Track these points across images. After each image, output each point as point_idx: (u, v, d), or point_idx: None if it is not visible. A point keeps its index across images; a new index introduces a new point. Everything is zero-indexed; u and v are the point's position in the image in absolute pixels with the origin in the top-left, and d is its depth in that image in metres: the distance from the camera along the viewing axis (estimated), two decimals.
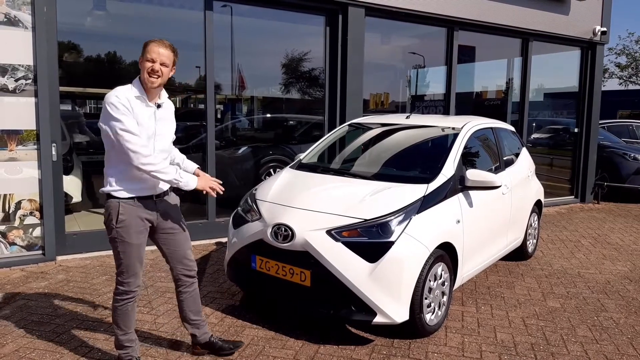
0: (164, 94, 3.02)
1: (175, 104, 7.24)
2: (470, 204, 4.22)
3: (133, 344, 3.09)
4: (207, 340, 3.33)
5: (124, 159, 2.78)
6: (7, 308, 4.08)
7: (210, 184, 3.03)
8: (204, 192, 2.99)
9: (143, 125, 2.81)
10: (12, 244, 5.09)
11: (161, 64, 2.84)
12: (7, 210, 5.03)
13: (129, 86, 2.87)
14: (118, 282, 2.97)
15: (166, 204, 3.04)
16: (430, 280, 3.66)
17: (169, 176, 2.85)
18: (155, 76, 2.83)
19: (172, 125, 3.07)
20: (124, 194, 2.85)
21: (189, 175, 2.96)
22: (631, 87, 33.32)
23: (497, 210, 4.82)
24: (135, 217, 2.88)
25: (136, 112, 2.79)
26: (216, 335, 3.43)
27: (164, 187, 3.00)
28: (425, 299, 3.64)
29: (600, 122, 10.64)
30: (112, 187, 2.85)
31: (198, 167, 3.33)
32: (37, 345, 3.46)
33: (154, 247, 5.94)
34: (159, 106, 2.93)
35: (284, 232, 3.61)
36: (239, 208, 4.21)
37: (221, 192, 3.04)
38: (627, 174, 10.29)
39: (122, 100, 2.75)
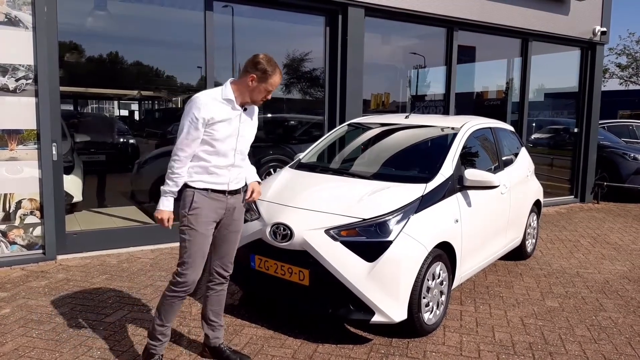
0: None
1: (176, 104, 7.30)
2: (469, 204, 4.23)
3: (164, 338, 3.10)
4: (217, 345, 3.30)
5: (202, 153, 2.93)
6: (7, 307, 4.10)
7: (169, 221, 2.96)
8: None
9: (227, 126, 2.92)
10: (13, 243, 5.11)
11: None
12: (7, 209, 5.05)
13: (223, 88, 2.95)
14: (177, 272, 2.99)
15: (235, 201, 3.10)
16: (428, 280, 3.67)
17: (165, 186, 2.94)
18: (263, 102, 3.02)
19: (253, 128, 3.14)
20: (200, 185, 2.94)
21: (168, 201, 2.94)
22: (632, 87, 33.31)
23: (496, 210, 4.82)
24: (207, 207, 2.96)
25: (220, 113, 2.88)
26: (226, 345, 3.36)
27: (237, 185, 3.09)
28: (424, 298, 3.65)
29: (600, 122, 10.64)
30: (190, 177, 2.94)
31: (258, 182, 3.29)
32: (36, 344, 3.47)
33: (154, 247, 5.97)
34: (245, 109, 3.01)
35: (283, 231, 3.63)
36: None
37: (168, 227, 2.98)
38: (627, 174, 10.29)
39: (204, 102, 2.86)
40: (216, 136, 2.89)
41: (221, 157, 2.96)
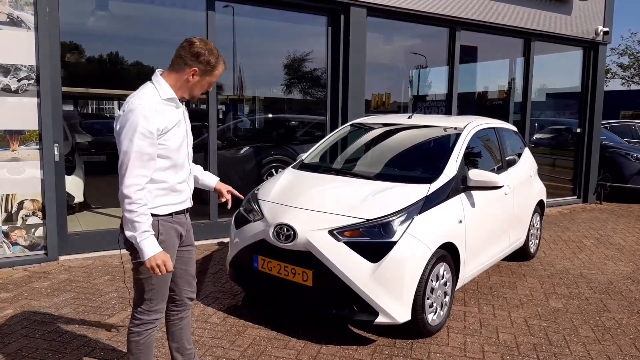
0: None
1: None
2: (473, 204, 4.22)
3: None
4: None
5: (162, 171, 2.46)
6: (9, 308, 4.09)
7: (158, 262, 2.33)
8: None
9: (178, 131, 2.48)
10: (15, 243, 5.10)
11: None
12: (9, 210, 5.04)
13: (158, 86, 2.45)
14: (140, 312, 2.52)
15: (189, 218, 2.70)
16: (432, 281, 3.66)
17: (135, 228, 2.32)
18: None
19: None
20: (164, 210, 2.47)
21: (152, 241, 2.34)
22: (634, 87, 33.27)
23: (499, 211, 4.81)
24: (173, 235, 2.52)
25: (169, 117, 2.43)
26: None
27: (190, 200, 2.68)
28: (428, 299, 3.63)
29: (602, 122, 10.62)
30: (152, 203, 2.41)
31: (219, 180, 2.99)
32: (39, 345, 3.46)
33: None
34: (183, 102, 2.57)
35: (286, 232, 3.61)
36: (241, 208, 4.21)
37: (159, 274, 2.37)
38: (630, 174, 10.27)
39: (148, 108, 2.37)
40: (170, 147, 2.41)
41: (179, 171, 2.50)
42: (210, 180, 2.94)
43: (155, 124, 2.32)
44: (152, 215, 2.39)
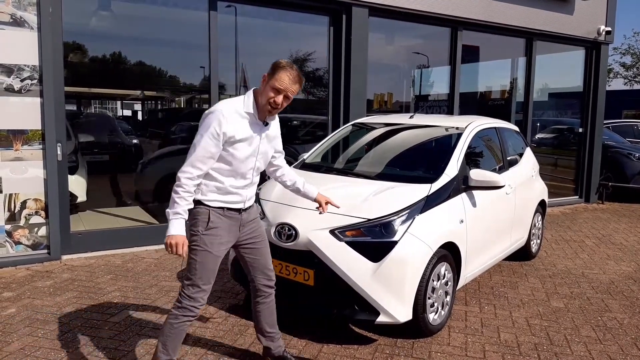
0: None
1: (179, 104, 7.31)
2: (474, 204, 4.22)
3: None
4: (280, 354, 3.20)
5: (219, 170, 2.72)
6: (12, 307, 4.11)
7: (184, 247, 2.62)
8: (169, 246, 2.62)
9: (248, 146, 2.70)
10: (18, 243, 5.12)
11: (284, 98, 2.69)
12: (12, 209, 5.06)
13: (244, 98, 2.70)
14: (183, 295, 2.71)
15: (249, 215, 2.92)
16: (433, 280, 3.67)
17: (173, 207, 2.61)
18: (275, 109, 2.70)
19: (274, 143, 2.94)
20: (215, 204, 2.72)
21: (180, 224, 2.60)
22: (636, 86, 33.19)
23: (501, 210, 4.81)
24: (223, 228, 2.75)
25: (242, 130, 2.65)
26: (289, 352, 3.28)
27: (252, 201, 2.92)
28: (429, 298, 3.64)
29: (604, 122, 10.60)
30: (204, 195, 2.71)
31: (319, 192, 3.24)
32: (42, 344, 3.48)
33: (158, 247, 5.98)
34: (266, 124, 2.79)
35: (288, 231, 3.62)
36: None
37: (182, 255, 2.65)
38: (632, 174, 10.25)
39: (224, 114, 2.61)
40: (236, 156, 2.67)
41: (239, 179, 2.75)
42: (312, 192, 3.22)
43: (225, 129, 2.59)
44: (205, 205, 2.70)
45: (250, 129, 2.69)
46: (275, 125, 2.93)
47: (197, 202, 2.71)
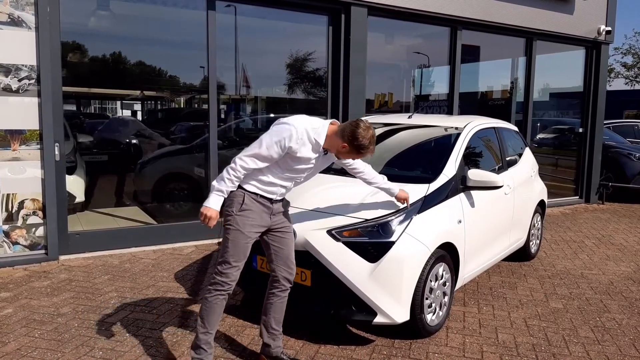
0: None
1: (178, 104, 7.30)
2: (472, 204, 4.21)
3: (209, 349, 3.02)
4: (277, 355, 3.24)
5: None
6: (9, 307, 4.10)
7: (206, 213, 2.87)
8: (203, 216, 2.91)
9: (303, 165, 2.97)
10: (15, 243, 5.12)
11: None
12: (10, 209, 5.05)
13: (319, 127, 2.92)
14: (216, 271, 2.98)
15: (279, 205, 3.14)
16: (431, 281, 3.65)
17: (219, 184, 2.89)
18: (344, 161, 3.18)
19: (327, 165, 3.19)
20: (251, 188, 2.96)
21: (218, 199, 2.89)
22: (637, 87, 33.15)
23: (500, 211, 4.79)
24: (255, 211, 2.98)
25: (305, 152, 2.91)
26: (286, 353, 3.32)
27: (283, 196, 3.13)
28: (426, 299, 3.63)
29: (605, 122, 10.58)
30: (245, 182, 2.97)
31: (401, 190, 3.59)
32: (38, 344, 3.47)
33: (156, 247, 5.96)
34: (325, 152, 3.04)
35: None
36: None
37: (203, 222, 2.91)
38: (632, 174, 10.23)
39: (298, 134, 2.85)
40: (290, 166, 2.94)
41: (283, 182, 3.01)
42: (394, 189, 3.58)
43: (291, 144, 2.83)
44: (242, 189, 2.95)
45: (312, 152, 2.94)
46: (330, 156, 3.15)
47: (237, 187, 2.97)
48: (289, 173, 2.98)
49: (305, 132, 2.86)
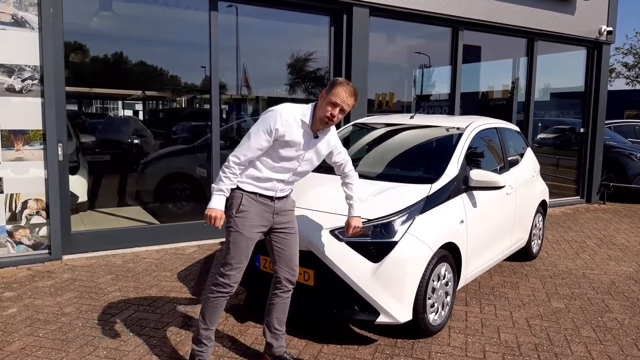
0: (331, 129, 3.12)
1: (180, 104, 7.32)
2: (474, 204, 4.22)
3: (210, 343, 3.10)
4: (280, 354, 3.24)
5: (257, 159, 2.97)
6: (13, 306, 4.12)
7: (211, 214, 2.90)
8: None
9: (293, 151, 2.93)
10: (19, 243, 5.13)
11: (340, 110, 2.91)
12: (13, 209, 5.07)
13: (305, 108, 2.94)
14: (219, 273, 3.01)
15: (284, 205, 3.11)
16: (433, 281, 3.66)
17: (218, 184, 2.92)
18: (331, 121, 2.92)
19: (322, 154, 3.11)
20: (248, 188, 2.97)
21: (221, 199, 2.91)
22: (638, 87, 33.12)
23: (501, 211, 4.81)
24: (254, 211, 2.98)
25: (293, 135, 2.88)
26: (289, 353, 3.32)
27: (284, 193, 3.10)
28: (429, 299, 3.64)
29: (606, 122, 10.59)
30: (242, 182, 2.97)
31: (356, 217, 3.33)
32: (43, 344, 3.49)
33: (159, 247, 5.98)
34: (316, 136, 3.00)
35: None
36: None
37: (209, 224, 2.92)
38: (634, 174, 10.23)
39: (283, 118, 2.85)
40: (281, 155, 2.92)
41: (277, 175, 2.98)
42: (350, 212, 3.32)
43: (278, 126, 2.83)
44: (240, 189, 2.96)
45: (301, 136, 2.92)
46: (331, 136, 3.11)
47: (235, 189, 2.97)
48: (281, 162, 2.95)
49: (290, 114, 2.88)
